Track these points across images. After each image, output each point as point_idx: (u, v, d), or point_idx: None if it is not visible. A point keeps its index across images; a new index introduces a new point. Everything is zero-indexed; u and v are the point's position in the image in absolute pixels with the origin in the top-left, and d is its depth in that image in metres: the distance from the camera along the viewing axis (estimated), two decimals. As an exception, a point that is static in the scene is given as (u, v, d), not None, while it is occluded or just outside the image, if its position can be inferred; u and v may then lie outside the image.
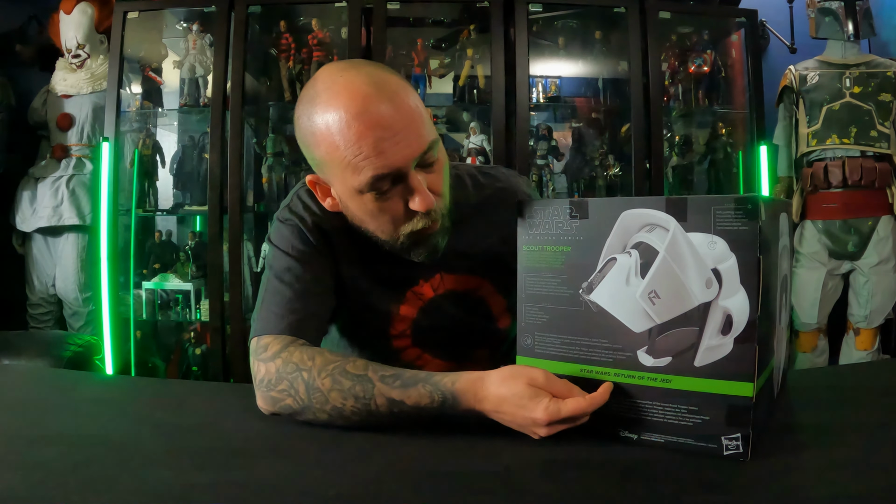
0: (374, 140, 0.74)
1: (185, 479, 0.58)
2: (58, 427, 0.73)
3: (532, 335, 0.72)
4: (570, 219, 0.69)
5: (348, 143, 0.75)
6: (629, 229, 0.65)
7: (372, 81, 0.76)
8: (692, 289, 0.62)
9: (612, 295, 0.66)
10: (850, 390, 0.86)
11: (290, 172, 2.63)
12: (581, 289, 0.68)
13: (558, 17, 2.68)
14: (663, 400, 0.64)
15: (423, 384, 0.70)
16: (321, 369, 0.74)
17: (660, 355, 0.64)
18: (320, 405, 0.73)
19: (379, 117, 0.74)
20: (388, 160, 0.75)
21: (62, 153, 2.69)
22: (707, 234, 0.61)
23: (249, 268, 2.64)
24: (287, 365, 0.76)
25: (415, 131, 0.76)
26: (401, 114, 0.75)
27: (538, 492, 0.56)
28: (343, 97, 0.75)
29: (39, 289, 2.75)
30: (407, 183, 0.77)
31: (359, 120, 0.74)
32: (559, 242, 0.69)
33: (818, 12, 2.55)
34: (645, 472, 0.59)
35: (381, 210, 0.80)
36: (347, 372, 0.73)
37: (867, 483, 0.55)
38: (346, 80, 0.76)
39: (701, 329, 0.62)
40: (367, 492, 0.55)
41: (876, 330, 2.51)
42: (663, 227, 0.63)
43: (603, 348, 0.67)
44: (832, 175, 2.45)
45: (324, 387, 0.73)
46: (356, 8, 2.48)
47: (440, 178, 0.82)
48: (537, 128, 2.68)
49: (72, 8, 2.64)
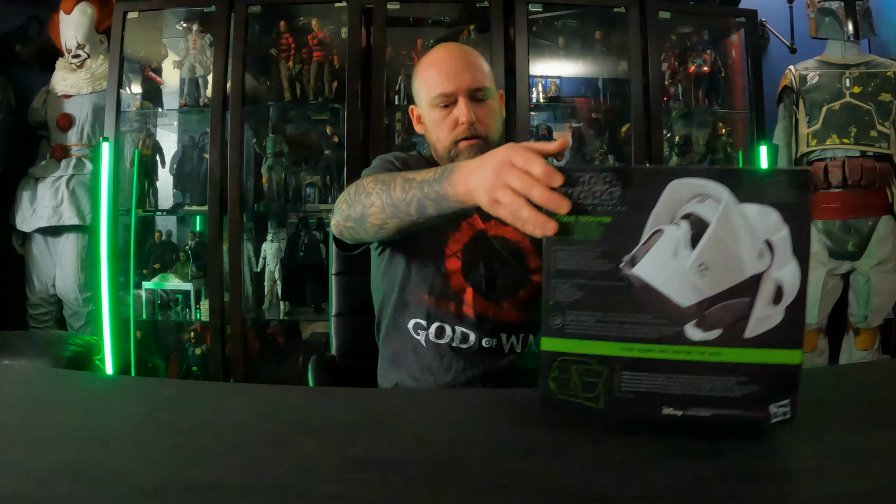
0: (447, 69, 1.14)
1: (185, 479, 0.58)
2: (58, 427, 0.73)
3: (563, 314, 0.66)
4: (611, 187, 0.63)
5: (433, 70, 1.16)
6: (677, 199, 0.62)
7: (456, 45, 1.26)
8: (744, 260, 0.62)
9: (658, 268, 0.63)
10: (850, 390, 0.86)
11: (290, 172, 2.63)
12: (623, 262, 0.64)
13: (558, 17, 2.68)
14: (712, 373, 0.63)
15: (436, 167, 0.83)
16: (369, 177, 0.95)
17: (709, 328, 0.63)
18: (358, 197, 0.93)
19: (451, 57, 1.16)
20: (449, 83, 1.13)
21: (62, 153, 2.69)
22: (761, 206, 0.61)
23: (249, 268, 2.65)
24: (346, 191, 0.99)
25: (472, 73, 1.14)
26: (466, 60, 1.16)
27: (554, 486, 0.56)
28: (441, 48, 1.22)
29: (39, 289, 2.75)
30: (458, 104, 1.13)
31: (442, 56, 1.17)
32: (597, 213, 0.64)
33: (818, 12, 2.55)
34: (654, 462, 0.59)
35: (441, 119, 1.15)
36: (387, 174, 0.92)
37: (866, 483, 0.55)
38: (446, 43, 1.27)
39: (752, 300, 0.62)
40: (367, 492, 0.55)
41: (876, 330, 2.51)
42: (715, 198, 0.62)
43: (647, 324, 0.64)
44: (832, 175, 2.45)
45: (366, 182, 0.93)
46: (356, 8, 2.48)
47: (486, 114, 1.15)
48: (537, 128, 2.68)
49: (72, 8, 2.64)
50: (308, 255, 2.59)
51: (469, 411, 0.78)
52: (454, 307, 1.11)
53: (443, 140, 1.15)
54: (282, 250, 2.64)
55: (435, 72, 1.15)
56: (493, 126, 1.17)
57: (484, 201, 0.70)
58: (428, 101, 1.16)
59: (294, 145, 2.67)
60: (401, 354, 1.14)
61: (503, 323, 1.11)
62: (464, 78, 1.13)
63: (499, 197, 0.68)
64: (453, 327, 1.11)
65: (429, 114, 1.18)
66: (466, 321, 1.11)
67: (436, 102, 1.15)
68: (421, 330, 1.13)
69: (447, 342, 1.11)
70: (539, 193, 0.64)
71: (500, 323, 1.11)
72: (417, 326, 1.13)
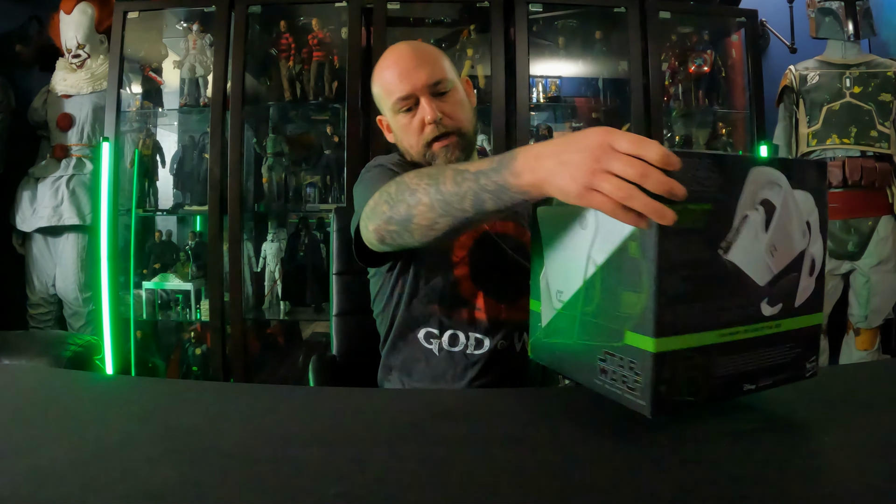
0: (399, 71, 1.10)
1: (185, 479, 0.58)
2: (58, 427, 0.73)
3: (673, 310, 0.61)
4: (710, 173, 0.62)
5: (387, 76, 1.11)
6: (756, 186, 0.66)
7: (405, 43, 1.14)
8: (796, 239, 0.69)
9: (746, 252, 0.65)
10: (850, 390, 0.86)
11: (290, 172, 2.63)
12: (720, 248, 0.64)
13: (558, 17, 2.68)
14: (775, 344, 0.69)
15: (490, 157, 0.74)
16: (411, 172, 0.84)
17: (775, 303, 0.68)
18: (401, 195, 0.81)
19: (402, 57, 1.11)
20: (404, 84, 1.09)
21: (62, 153, 2.69)
22: (803, 192, 0.69)
23: (249, 268, 2.65)
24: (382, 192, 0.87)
25: (426, 69, 1.09)
26: (418, 56, 1.10)
27: (555, 485, 0.56)
28: (391, 51, 1.14)
29: (39, 289, 2.75)
30: (420, 104, 1.09)
31: (393, 59, 1.11)
32: (702, 200, 0.61)
33: (818, 12, 2.55)
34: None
35: (408, 124, 1.11)
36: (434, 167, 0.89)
37: (866, 483, 0.55)
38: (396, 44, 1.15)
39: (799, 274, 0.70)
40: (367, 492, 0.55)
41: (876, 330, 2.51)
42: (779, 185, 0.67)
43: (736, 307, 0.65)
44: (832, 175, 2.45)
45: (408, 177, 0.82)
46: (356, 8, 2.48)
47: (452, 106, 1.11)
48: (537, 128, 2.68)
49: (72, 8, 2.64)
50: (308, 255, 2.60)
51: (470, 410, 0.78)
52: (467, 314, 1.10)
53: (414, 145, 1.12)
54: (282, 250, 2.64)
55: (389, 76, 1.11)
56: (462, 117, 1.13)
57: (571, 190, 0.61)
58: (390, 108, 1.13)
59: (294, 145, 2.67)
60: (411, 363, 1.12)
61: (515, 323, 1.10)
62: (419, 75, 1.09)
63: (598, 185, 0.59)
64: (467, 334, 1.09)
65: (395, 121, 1.14)
66: (480, 326, 1.09)
67: (398, 108, 1.11)
68: (433, 339, 1.10)
69: (461, 349, 1.09)
70: (657, 179, 0.57)
71: (513, 323, 1.10)
72: (429, 335, 1.11)
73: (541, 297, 0.78)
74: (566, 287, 0.72)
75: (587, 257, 0.69)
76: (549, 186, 0.64)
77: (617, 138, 0.60)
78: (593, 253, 0.68)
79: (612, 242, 0.65)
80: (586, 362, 0.69)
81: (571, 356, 0.73)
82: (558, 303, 0.74)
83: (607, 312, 0.66)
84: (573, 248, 0.71)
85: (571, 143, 0.63)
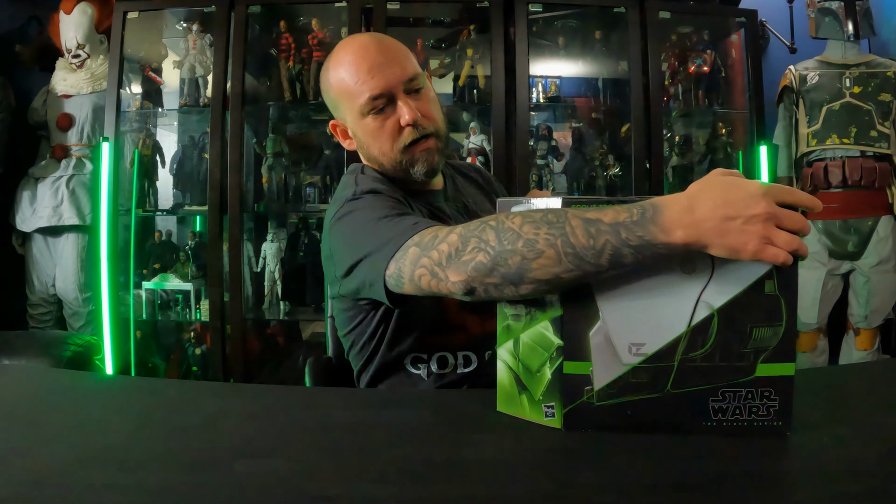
0: (367, 67, 0.97)
1: (184, 479, 0.58)
2: (58, 427, 0.73)
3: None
4: None
5: (350, 74, 0.98)
6: None
7: (368, 34, 1.04)
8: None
9: None
10: (850, 390, 0.86)
11: (290, 172, 2.63)
12: None
13: (558, 17, 2.68)
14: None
15: (617, 205, 0.67)
16: (507, 217, 0.71)
17: None
18: (512, 244, 0.68)
19: (371, 50, 0.98)
20: (377, 82, 0.96)
21: (62, 153, 2.69)
22: None
23: (249, 268, 2.65)
24: (468, 227, 0.74)
25: (400, 62, 0.99)
26: (389, 49, 0.99)
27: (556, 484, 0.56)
28: (347, 45, 1.01)
29: (39, 289, 2.75)
30: (397, 103, 0.98)
31: (356, 54, 0.98)
32: None
33: (818, 12, 2.55)
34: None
35: (380, 129, 0.99)
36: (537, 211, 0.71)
37: (866, 483, 0.55)
38: (350, 37, 1.05)
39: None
40: (367, 492, 0.55)
41: (876, 330, 2.51)
42: None
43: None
44: (832, 175, 2.45)
45: (515, 224, 0.69)
46: (356, 8, 2.48)
47: (428, 105, 1.01)
48: (537, 128, 2.68)
49: (72, 8, 2.64)
50: (308, 255, 2.60)
51: (472, 409, 0.78)
52: (455, 336, 1.04)
53: (388, 152, 1.00)
54: (282, 250, 2.64)
55: (355, 74, 0.97)
56: (437, 116, 1.03)
57: (748, 250, 0.62)
58: (356, 111, 0.99)
59: (294, 145, 2.67)
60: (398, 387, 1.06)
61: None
62: (393, 71, 0.97)
63: (762, 252, 0.62)
64: (455, 354, 1.04)
65: (360, 125, 1.01)
66: (469, 345, 1.04)
67: (366, 110, 0.98)
68: (421, 364, 1.04)
69: (451, 370, 1.04)
70: (804, 251, 0.63)
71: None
72: (416, 360, 1.05)
73: (591, 357, 0.68)
74: (651, 339, 0.67)
75: (696, 302, 0.67)
76: (715, 248, 0.63)
77: (783, 216, 0.62)
78: (707, 297, 0.67)
79: (738, 284, 0.66)
80: (687, 408, 0.68)
81: (656, 409, 0.68)
82: (633, 357, 0.67)
83: (730, 352, 0.67)
84: (669, 296, 0.67)
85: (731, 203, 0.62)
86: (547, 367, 0.70)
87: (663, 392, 0.67)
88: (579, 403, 0.68)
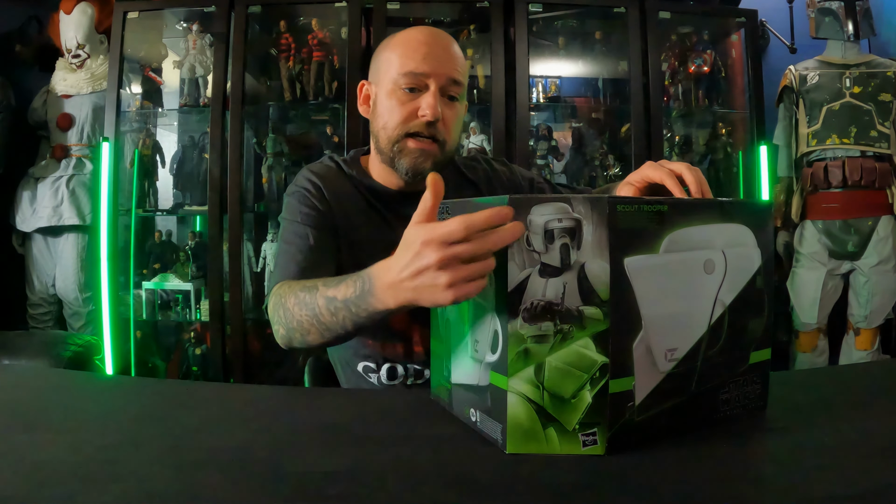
0: (426, 50, 0.99)
1: (185, 479, 0.58)
2: (58, 427, 0.73)
3: None
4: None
5: (408, 47, 1.00)
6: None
7: (441, 31, 1.04)
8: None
9: None
10: (850, 390, 0.86)
11: (290, 172, 2.63)
12: None
13: (558, 17, 2.68)
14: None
15: (352, 277, 0.74)
16: (291, 292, 0.85)
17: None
18: (290, 321, 0.85)
19: (438, 41, 1.01)
20: (425, 64, 0.98)
21: (62, 153, 2.70)
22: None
23: (249, 268, 2.64)
24: (276, 300, 0.89)
25: (455, 64, 1.01)
26: (451, 50, 1.02)
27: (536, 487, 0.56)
28: (421, 28, 1.04)
29: (39, 289, 2.75)
30: (426, 93, 0.99)
31: (423, 35, 1.01)
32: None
33: (818, 12, 2.55)
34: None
35: (399, 105, 0.99)
36: (305, 286, 0.84)
37: (866, 483, 0.55)
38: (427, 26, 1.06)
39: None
40: (367, 492, 0.55)
41: (876, 330, 2.51)
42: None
43: None
44: (832, 175, 2.45)
45: (289, 304, 0.85)
46: (356, 8, 2.48)
47: (453, 116, 1.02)
48: (537, 128, 2.68)
49: (72, 8, 2.65)
50: (308, 255, 2.59)
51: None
52: (402, 348, 1.04)
53: (391, 129, 1.01)
54: (282, 250, 2.64)
55: (411, 49, 0.99)
56: (454, 135, 1.03)
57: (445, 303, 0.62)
58: (391, 79, 1.00)
59: (294, 145, 2.67)
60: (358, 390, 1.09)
61: None
62: (444, 65, 0.99)
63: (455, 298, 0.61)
64: (405, 366, 1.04)
65: (386, 94, 1.01)
66: (417, 358, 1.04)
67: (401, 82, 0.99)
68: (372, 373, 1.06)
69: (400, 382, 1.05)
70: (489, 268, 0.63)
71: None
72: (368, 369, 1.06)
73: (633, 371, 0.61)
74: (681, 342, 0.64)
75: (714, 301, 0.66)
76: (425, 303, 0.64)
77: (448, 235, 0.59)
78: (722, 295, 0.66)
79: (742, 280, 0.69)
80: (706, 405, 0.67)
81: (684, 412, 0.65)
82: (668, 364, 0.63)
83: (734, 345, 0.69)
84: (695, 297, 0.65)
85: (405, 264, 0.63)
86: (587, 391, 0.60)
87: (688, 394, 0.66)
88: (621, 423, 0.61)
